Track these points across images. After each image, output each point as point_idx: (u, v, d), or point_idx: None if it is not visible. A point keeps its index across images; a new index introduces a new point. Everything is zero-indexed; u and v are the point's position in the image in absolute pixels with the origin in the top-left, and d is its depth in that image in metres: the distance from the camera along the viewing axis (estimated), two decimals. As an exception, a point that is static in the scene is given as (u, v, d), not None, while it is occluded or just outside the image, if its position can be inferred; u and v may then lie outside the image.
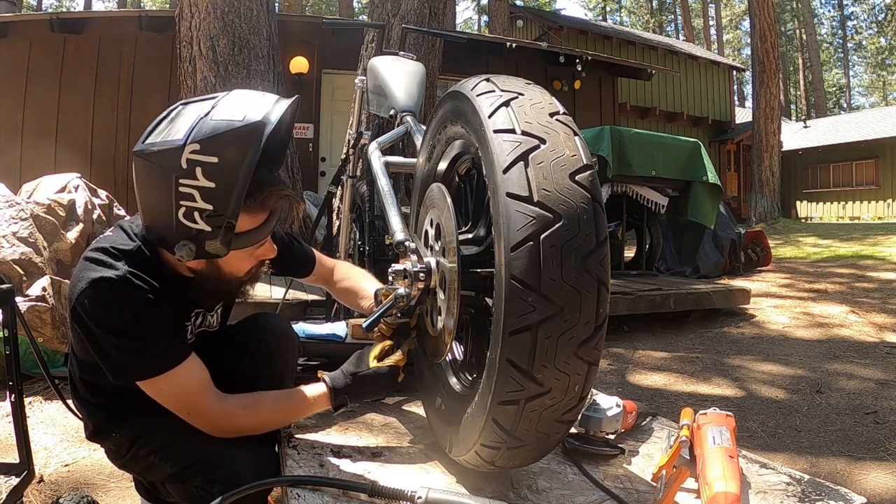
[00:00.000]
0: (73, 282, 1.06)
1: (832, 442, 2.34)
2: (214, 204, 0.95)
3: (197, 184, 0.94)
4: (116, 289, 1.02)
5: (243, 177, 0.95)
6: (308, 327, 1.65)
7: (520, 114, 0.88)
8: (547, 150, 0.84)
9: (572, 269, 0.80)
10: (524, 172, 0.82)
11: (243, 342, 1.31)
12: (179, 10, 4.80)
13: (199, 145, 0.93)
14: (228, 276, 1.12)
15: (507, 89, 0.93)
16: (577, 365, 0.83)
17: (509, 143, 0.85)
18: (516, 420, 0.85)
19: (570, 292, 0.80)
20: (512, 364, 0.81)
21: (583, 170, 0.84)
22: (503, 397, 0.84)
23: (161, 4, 30.58)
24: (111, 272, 1.02)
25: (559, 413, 0.86)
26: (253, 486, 0.96)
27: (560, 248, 0.80)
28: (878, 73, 37.10)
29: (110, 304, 1.02)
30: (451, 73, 6.39)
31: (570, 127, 0.89)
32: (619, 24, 31.91)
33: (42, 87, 7.72)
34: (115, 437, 1.17)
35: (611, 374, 3.25)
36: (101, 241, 1.11)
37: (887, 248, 7.95)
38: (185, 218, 0.97)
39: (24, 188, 3.08)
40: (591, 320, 0.82)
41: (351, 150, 2.63)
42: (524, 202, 0.81)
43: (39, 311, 2.45)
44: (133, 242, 1.09)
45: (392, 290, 1.09)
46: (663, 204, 5.07)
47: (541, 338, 0.80)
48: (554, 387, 0.83)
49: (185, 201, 0.95)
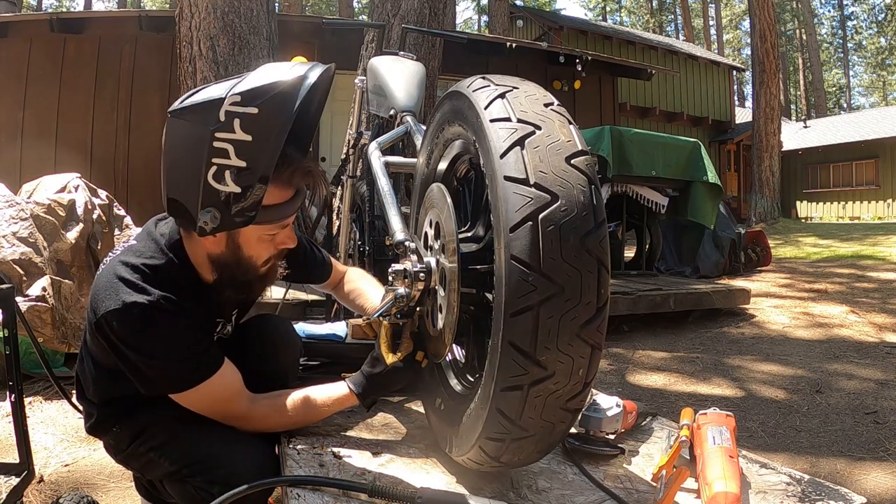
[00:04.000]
0: (100, 295, 1.03)
1: (832, 442, 2.34)
2: (248, 160, 0.93)
3: (233, 137, 0.92)
4: (148, 314, 1.01)
5: (280, 129, 0.93)
6: (308, 327, 1.65)
7: (515, 104, 0.89)
8: (542, 136, 0.85)
9: (572, 249, 0.80)
10: (521, 156, 0.83)
11: (245, 344, 1.31)
12: (179, 10, 4.80)
13: (240, 97, 0.92)
14: (248, 261, 1.10)
15: (503, 84, 0.95)
16: (580, 347, 0.82)
17: (505, 130, 0.86)
18: (521, 407, 0.84)
19: (571, 271, 0.80)
20: (514, 347, 0.81)
21: (578, 154, 0.86)
22: (507, 383, 0.83)
23: (161, 4, 30.58)
24: (143, 297, 1.01)
25: (564, 399, 0.85)
26: (253, 486, 0.96)
27: (559, 227, 0.80)
28: (878, 73, 37.09)
29: (141, 330, 1.02)
30: (451, 73, 6.38)
31: (564, 116, 0.90)
32: (619, 24, 31.91)
33: (42, 87, 7.72)
34: (116, 431, 1.18)
35: (611, 374, 3.25)
36: (130, 254, 1.09)
37: (887, 248, 7.94)
38: (214, 179, 0.94)
39: (24, 188, 3.07)
40: (593, 301, 0.82)
41: (351, 150, 2.63)
42: (521, 184, 0.82)
43: (39, 311, 2.45)
44: (163, 255, 1.09)
45: (392, 290, 1.10)
46: (663, 204, 5.07)
47: (542, 318, 0.80)
48: (557, 370, 0.82)
49: (217, 158, 0.93)
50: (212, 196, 0.95)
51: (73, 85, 7.81)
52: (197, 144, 0.93)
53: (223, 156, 0.93)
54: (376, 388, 1.13)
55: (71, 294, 2.63)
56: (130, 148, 7.84)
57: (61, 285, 2.58)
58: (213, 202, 0.96)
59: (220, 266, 1.10)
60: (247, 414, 1.10)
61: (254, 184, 0.94)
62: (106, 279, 1.05)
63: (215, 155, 0.93)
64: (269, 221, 1.06)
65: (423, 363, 1.14)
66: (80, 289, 2.72)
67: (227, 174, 0.93)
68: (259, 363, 1.29)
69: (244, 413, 1.10)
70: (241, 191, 0.95)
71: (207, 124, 0.92)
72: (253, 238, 1.07)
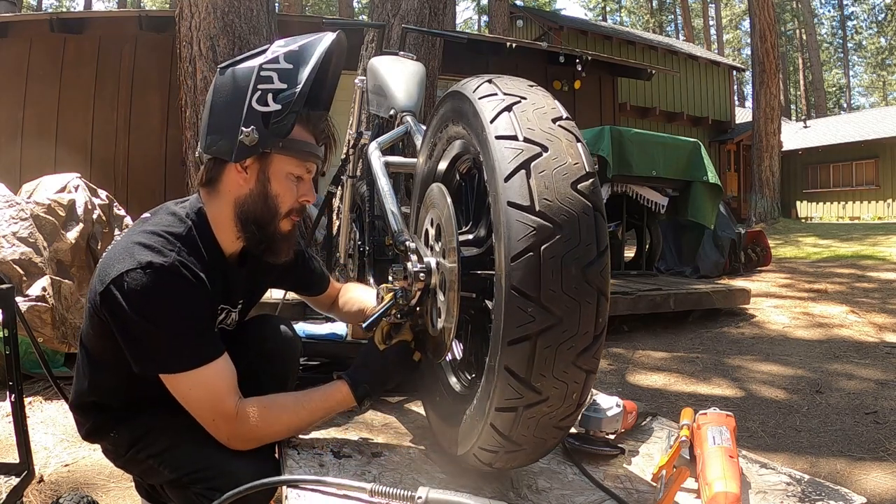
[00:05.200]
0: (110, 262, 1.03)
1: (832, 442, 2.34)
2: (289, 82, 1.08)
3: (278, 66, 1.09)
4: (163, 276, 1.00)
5: (315, 62, 1.09)
6: (308, 327, 1.65)
7: (522, 119, 0.87)
8: (549, 159, 0.84)
9: (572, 280, 0.80)
10: (525, 182, 0.82)
11: (245, 344, 1.31)
12: (179, 10, 4.80)
13: (283, 42, 1.12)
14: (274, 200, 1.14)
15: (510, 93, 0.92)
16: (576, 374, 0.83)
17: (511, 151, 0.84)
18: (514, 426, 0.85)
19: (570, 303, 0.80)
20: (510, 372, 0.81)
21: (584, 178, 0.84)
22: (501, 404, 0.84)
23: (161, 4, 30.57)
24: (160, 258, 1.01)
25: (556, 420, 0.87)
26: (254, 486, 0.96)
27: (560, 258, 0.80)
28: (878, 73, 37.08)
29: (153, 291, 1.00)
30: (451, 73, 6.39)
31: (572, 133, 0.88)
32: (619, 24, 31.90)
33: (42, 87, 7.72)
34: (114, 436, 1.17)
35: (611, 374, 3.25)
36: (147, 223, 1.10)
37: (887, 248, 7.94)
38: (258, 102, 1.08)
39: (24, 188, 3.07)
40: (591, 330, 0.82)
41: (351, 150, 2.63)
42: (525, 212, 0.81)
43: (39, 311, 2.45)
44: (184, 224, 1.10)
45: (392, 290, 1.09)
46: (663, 204, 5.07)
47: (539, 348, 0.80)
48: (552, 395, 0.83)
49: (262, 84, 1.08)
50: (254, 117, 1.08)
51: (73, 85, 7.81)
52: (244, 79, 1.09)
53: (268, 81, 1.08)
54: (369, 379, 1.12)
55: (71, 294, 2.63)
56: (130, 148, 7.84)
57: (61, 285, 2.58)
58: (254, 121, 1.08)
59: (247, 211, 1.13)
60: (236, 415, 1.04)
61: (293, 100, 1.08)
62: (122, 246, 1.05)
63: (261, 82, 1.08)
64: (298, 153, 1.14)
65: (416, 357, 1.14)
66: (80, 289, 2.72)
67: (269, 97, 1.08)
68: (259, 363, 1.29)
69: (233, 413, 1.04)
70: (281, 108, 1.08)
71: (256, 62, 1.10)
72: (281, 173, 1.13)
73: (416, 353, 1.14)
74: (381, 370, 1.13)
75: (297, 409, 1.10)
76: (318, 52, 1.11)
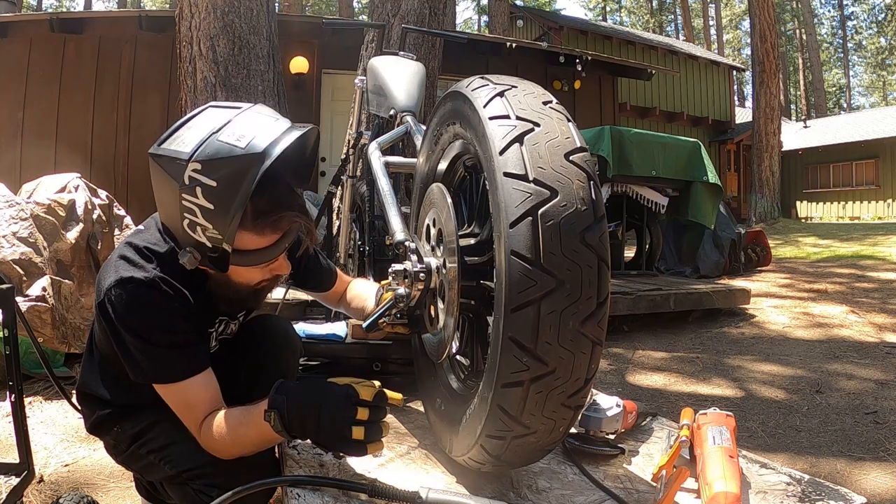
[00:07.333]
0: (102, 276, 1.08)
1: (832, 442, 2.34)
2: (213, 224, 0.97)
3: (197, 202, 0.96)
4: (142, 291, 1.03)
5: (238, 205, 0.95)
6: (308, 327, 1.65)
7: (514, 102, 0.90)
8: (541, 133, 0.86)
9: (571, 244, 0.81)
10: (520, 152, 0.84)
11: (245, 344, 1.31)
12: (179, 10, 4.80)
13: (200, 165, 0.95)
14: (238, 285, 1.11)
15: (501, 83, 0.96)
16: (582, 342, 0.82)
17: (504, 128, 0.87)
18: (522, 403, 0.84)
19: (571, 266, 0.80)
20: (515, 342, 0.81)
21: (577, 150, 0.86)
22: (507, 378, 0.83)
23: (161, 4, 30.57)
24: (140, 273, 1.04)
25: (565, 396, 0.85)
26: (253, 486, 0.96)
27: (558, 222, 0.81)
28: (878, 73, 37.08)
29: (133, 305, 1.03)
30: (451, 73, 6.39)
31: (562, 113, 0.91)
32: (619, 24, 31.90)
33: (42, 87, 7.71)
34: (117, 431, 1.18)
35: (611, 374, 3.25)
36: (135, 237, 1.13)
37: (887, 248, 7.94)
38: (189, 228, 1.00)
39: (24, 188, 3.07)
40: (593, 296, 0.82)
41: (351, 150, 2.64)
42: (521, 180, 0.82)
43: (39, 311, 2.45)
44: (166, 244, 1.10)
45: (392, 291, 1.09)
46: (663, 204, 5.07)
47: (543, 313, 0.80)
48: (559, 366, 0.82)
49: (188, 214, 0.98)
50: (189, 240, 1.01)
51: (73, 85, 7.80)
52: (171, 195, 0.99)
53: (192, 214, 0.98)
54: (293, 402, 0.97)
55: (71, 294, 2.63)
56: (130, 148, 7.84)
57: (61, 285, 2.58)
58: (191, 244, 1.02)
59: (214, 282, 1.11)
60: (200, 430, 1.04)
61: (220, 244, 0.99)
62: (111, 260, 1.10)
63: (185, 210, 0.98)
64: (253, 264, 1.07)
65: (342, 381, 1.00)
66: (80, 289, 2.72)
67: (198, 229, 0.99)
68: (259, 363, 1.29)
69: (198, 428, 1.04)
70: (212, 247, 1.00)
71: (175, 181, 0.97)
72: (241, 270, 1.07)
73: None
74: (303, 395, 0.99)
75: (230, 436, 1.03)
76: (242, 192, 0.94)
